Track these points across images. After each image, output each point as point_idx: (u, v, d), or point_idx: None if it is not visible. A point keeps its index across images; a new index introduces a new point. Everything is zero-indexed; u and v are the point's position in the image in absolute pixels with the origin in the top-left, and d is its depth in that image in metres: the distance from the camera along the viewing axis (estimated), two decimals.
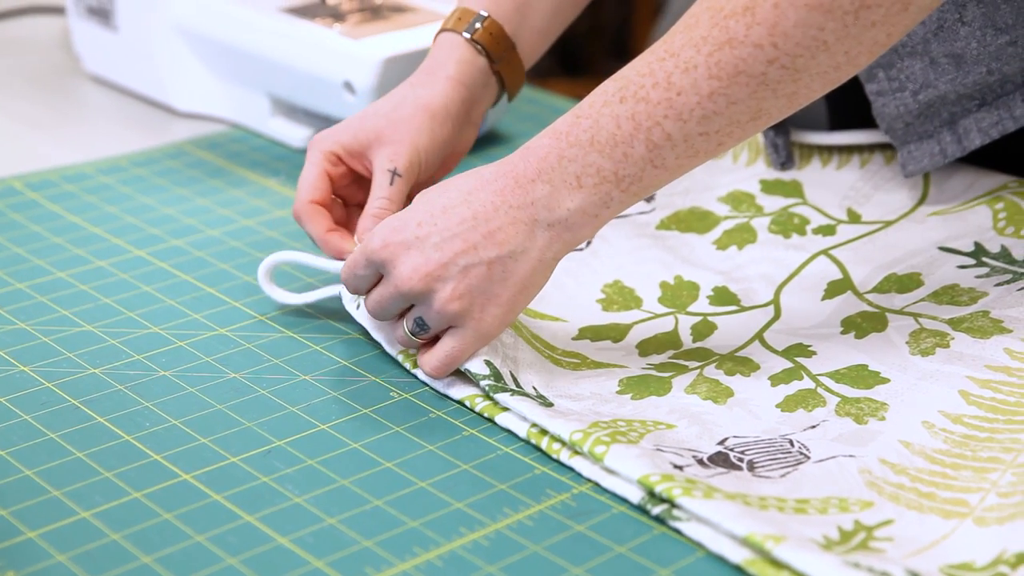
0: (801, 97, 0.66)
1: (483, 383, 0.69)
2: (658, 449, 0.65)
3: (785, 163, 0.88)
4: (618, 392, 0.71)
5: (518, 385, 0.70)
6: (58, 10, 1.23)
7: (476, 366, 0.70)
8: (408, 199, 0.80)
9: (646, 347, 0.76)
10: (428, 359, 0.71)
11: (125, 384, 0.72)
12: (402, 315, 0.72)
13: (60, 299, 0.81)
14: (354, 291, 0.72)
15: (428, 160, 0.80)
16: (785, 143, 0.88)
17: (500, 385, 0.69)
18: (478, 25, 0.83)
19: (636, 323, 0.78)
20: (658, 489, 0.62)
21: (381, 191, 0.79)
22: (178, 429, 0.69)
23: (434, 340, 0.71)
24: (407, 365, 0.73)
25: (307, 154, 0.80)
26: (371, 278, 0.71)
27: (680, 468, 0.64)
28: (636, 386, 0.72)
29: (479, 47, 0.83)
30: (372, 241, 0.70)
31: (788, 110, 0.66)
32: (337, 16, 1.01)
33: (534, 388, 0.70)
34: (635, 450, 0.64)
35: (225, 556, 0.60)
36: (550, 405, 0.69)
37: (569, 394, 0.71)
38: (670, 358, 0.75)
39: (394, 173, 0.78)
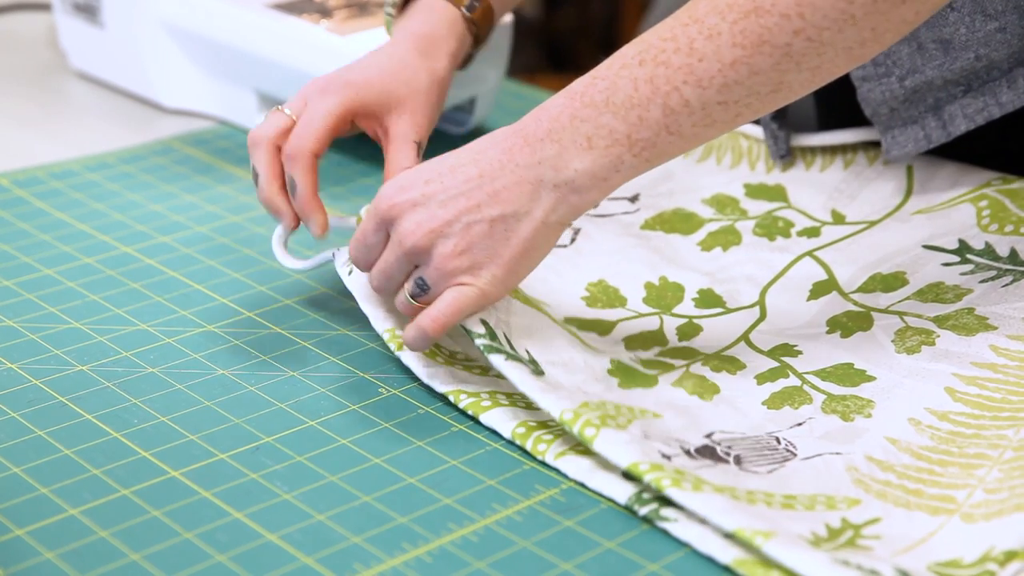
0: (824, 72, 0.65)
1: (478, 341, 0.68)
2: (646, 436, 0.65)
3: (784, 155, 0.88)
4: (608, 372, 0.71)
5: (512, 348, 0.69)
6: (44, 7, 1.23)
7: (472, 324, 0.69)
8: None
9: (632, 342, 0.76)
10: (425, 314, 0.69)
11: (113, 381, 0.72)
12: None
13: (47, 296, 0.81)
14: (365, 265, 0.71)
15: (431, 131, 0.80)
16: (786, 135, 0.88)
17: (495, 345, 0.68)
18: (477, 4, 0.83)
19: (621, 320, 0.78)
20: (647, 479, 0.62)
21: (408, 162, 0.77)
22: (166, 426, 0.68)
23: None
24: (392, 346, 0.72)
25: (320, 97, 0.76)
26: (380, 245, 0.70)
27: (668, 458, 0.64)
28: (624, 373, 0.72)
29: (475, 28, 0.82)
30: (380, 201, 0.69)
31: (810, 85, 0.66)
32: (324, 12, 1.01)
33: (527, 351, 0.70)
34: (624, 436, 0.64)
35: (214, 553, 0.60)
36: (541, 373, 0.68)
37: (562, 360, 0.70)
38: (656, 355, 0.75)
39: (419, 145, 0.78)
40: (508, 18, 1.01)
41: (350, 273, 0.75)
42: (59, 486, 0.64)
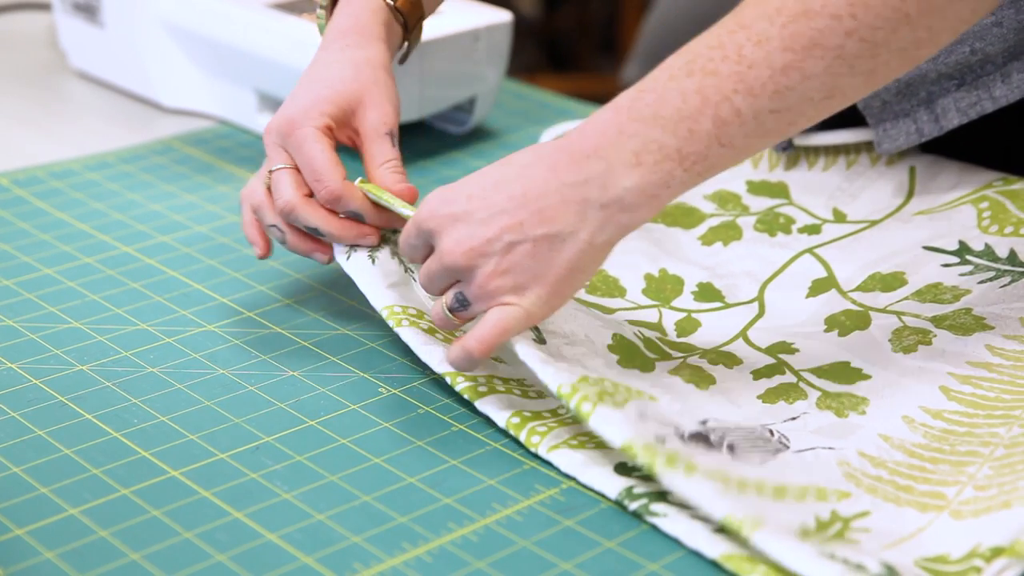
0: (879, 76, 0.64)
1: None
2: (641, 416, 0.65)
3: (787, 148, 0.88)
4: (609, 347, 0.71)
5: None
6: (44, 6, 1.23)
7: None
8: None
9: (634, 325, 0.76)
10: (471, 336, 0.66)
11: (113, 381, 0.72)
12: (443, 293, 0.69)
13: (47, 296, 0.81)
14: (412, 260, 0.70)
15: (398, 116, 0.78)
16: None
17: None
18: None
19: (620, 310, 0.78)
20: (640, 459, 0.61)
21: (387, 154, 0.76)
22: (166, 426, 0.69)
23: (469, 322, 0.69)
24: (391, 322, 0.72)
25: (299, 135, 0.74)
26: (422, 248, 0.69)
27: (663, 440, 0.64)
28: (626, 351, 0.72)
29: (399, 15, 0.81)
30: (422, 210, 0.68)
31: (864, 89, 0.64)
32: None
33: None
34: (620, 414, 0.64)
35: (214, 552, 0.60)
36: (543, 342, 0.68)
37: (564, 332, 0.70)
38: (657, 338, 0.75)
39: (391, 135, 0.76)
40: (508, 17, 1.02)
41: (348, 259, 0.74)
42: (59, 486, 0.64)
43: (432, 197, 0.68)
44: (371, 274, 0.73)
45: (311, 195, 0.75)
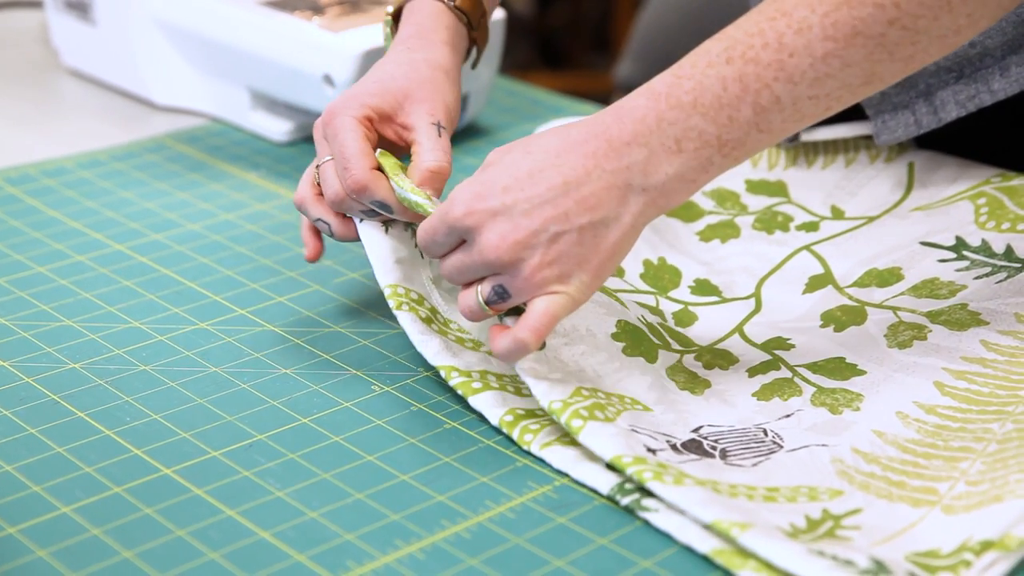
0: (917, 61, 0.64)
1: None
2: (633, 430, 0.65)
3: (794, 139, 0.88)
4: (613, 335, 0.71)
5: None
6: (36, 4, 1.23)
7: None
8: None
9: (639, 307, 0.77)
10: (523, 326, 0.65)
11: (105, 379, 0.72)
12: (470, 284, 0.68)
13: (39, 294, 0.80)
14: (434, 256, 0.69)
15: (454, 118, 0.77)
16: None
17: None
18: None
19: (620, 291, 0.78)
20: (629, 471, 0.62)
21: (433, 143, 0.74)
22: (159, 423, 0.68)
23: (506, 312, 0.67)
24: (391, 303, 0.71)
25: (336, 123, 0.73)
26: (451, 244, 0.67)
27: (653, 452, 0.64)
28: (631, 336, 0.71)
29: (461, 14, 0.80)
30: (454, 208, 0.65)
31: (901, 75, 0.65)
32: (316, 9, 1.01)
33: None
34: (611, 428, 0.64)
35: (207, 550, 0.60)
36: (541, 346, 0.67)
37: (563, 330, 0.70)
38: (659, 324, 0.75)
39: (439, 126, 0.75)
40: (501, 15, 1.02)
41: (361, 220, 0.73)
42: (51, 484, 0.64)
43: (461, 193, 0.66)
44: (381, 243, 0.72)
45: None
